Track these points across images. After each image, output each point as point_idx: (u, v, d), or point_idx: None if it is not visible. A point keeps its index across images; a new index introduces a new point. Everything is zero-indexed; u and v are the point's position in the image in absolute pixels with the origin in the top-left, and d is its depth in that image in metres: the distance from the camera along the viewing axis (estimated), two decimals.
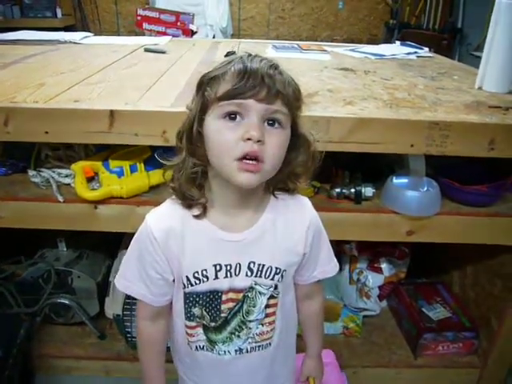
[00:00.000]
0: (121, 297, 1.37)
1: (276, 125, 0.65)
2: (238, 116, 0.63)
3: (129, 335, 1.41)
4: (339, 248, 1.54)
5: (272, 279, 0.76)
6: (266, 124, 0.64)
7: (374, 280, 1.56)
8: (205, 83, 0.66)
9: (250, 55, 0.66)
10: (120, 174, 1.17)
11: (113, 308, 1.40)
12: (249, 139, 0.62)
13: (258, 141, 0.62)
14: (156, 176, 1.18)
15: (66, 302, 1.42)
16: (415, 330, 1.46)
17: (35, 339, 1.43)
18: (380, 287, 1.58)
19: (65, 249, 1.52)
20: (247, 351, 0.80)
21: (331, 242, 0.87)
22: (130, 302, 1.35)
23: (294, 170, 0.72)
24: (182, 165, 0.70)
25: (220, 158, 0.65)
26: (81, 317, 1.44)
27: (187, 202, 0.72)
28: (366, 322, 1.57)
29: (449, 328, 1.45)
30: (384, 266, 1.56)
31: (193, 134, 0.67)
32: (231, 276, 0.74)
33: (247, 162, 0.63)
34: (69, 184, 1.21)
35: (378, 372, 1.44)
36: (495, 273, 1.37)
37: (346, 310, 1.53)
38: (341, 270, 1.59)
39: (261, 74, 0.63)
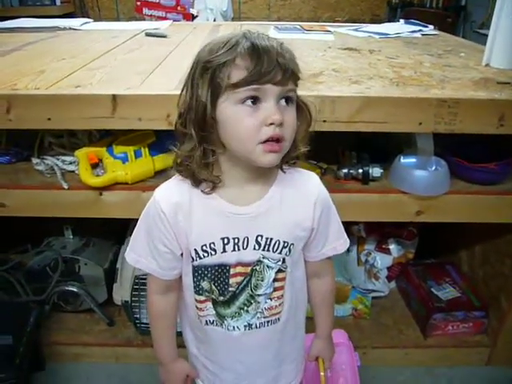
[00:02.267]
0: (129, 283, 1.37)
1: (289, 103, 0.66)
2: (255, 100, 0.63)
3: (137, 321, 1.41)
4: (347, 229, 1.53)
5: (280, 253, 0.76)
6: (280, 103, 0.65)
7: (382, 261, 1.56)
8: (212, 69, 0.64)
9: (252, 32, 0.65)
10: (124, 159, 1.15)
11: (121, 294, 1.41)
12: (271, 124, 0.63)
13: (280, 123, 0.63)
14: (161, 161, 1.17)
15: (74, 289, 1.43)
16: (424, 310, 1.46)
17: (44, 327, 1.43)
18: (388, 268, 1.58)
19: (71, 236, 1.53)
20: (256, 327, 0.80)
21: None
22: (137, 287, 1.35)
23: (296, 137, 0.71)
24: (191, 152, 0.69)
25: (242, 142, 0.65)
26: (89, 304, 1.44)
27: (197, 181, 0.72)
28: (375, 303, 1.57)
29: (458, 308, 1.44)
30: (392, 246, 1.55)
31: (206, 122, 0.66)
32: (239, 249, 0.74)
33: (272, 143, 0.64)
34: (73, 171, 1.20)
35: (388, 353, 1.44)
36: (504, 252, 1.36)
37: (355, 292, 1.52)
38: (349, 251, 1.58)
39: (274, 54, 0.62)
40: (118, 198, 1.15)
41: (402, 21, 2.25)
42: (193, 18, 3.15)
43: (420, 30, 1.98)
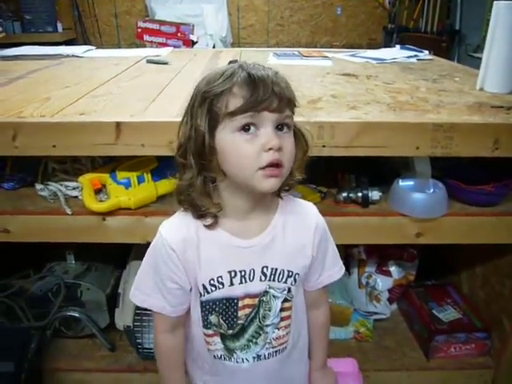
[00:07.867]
0: (131, 308, 1.37)
1: (286, 129, 0.68)
2: (252, 127, 0.65)
3: (140, 346, 1.41)
4: (347, 252, 1.54)
5: (285, 282, 0.78)
6: (277, 129, 0.67)
7: (383, 283, 1.56)
8: (210, 98, 0.66)
9: (248, 63, 0.68)
10: (127, 185, 1.17)
11: (123, 319, 1.40)
12: (270, 149, 0.65)
13: (278, 148, 0.65)
14: (163, 186, 1.19)
15: (76, 314, 1.42)
16: (427, 332, 1.46)
17: (45, 353, 1.42)
18: (389, 290, 1.58)
19: (73, 261, 1.53)
20: (265, 357, 0.81)
21: (339, 246, 0.88)
22: (140, 312, 1.35)
23: (292, 165, 0.72)
24: (192, 180, 0.70)
25: (242, 169, 0.67)
26: (91, 329, 1.44)
27: (199, 213, 0.73)
28: (377, 326, 1.56)
29: (460, 329, 1.44)
30: (393, 268, 1.56)
31: (205, 150, 0.68)
32: (246, 282, 0.76)
33: (271, 168, 0.66)
34: (76, 196, 1.22)
35: (391, 375, 1.43)
36: (504, 273, 1.37)
37: (357, 315, 1.52)
38: (350, 274, 1.59)
39: (269, 83, 0.64)
40: (120, 223, 1.16)
41: (397, 46, 2.30)
42: (193, 43, 3.21)
43: (415, 56, 2.02)
